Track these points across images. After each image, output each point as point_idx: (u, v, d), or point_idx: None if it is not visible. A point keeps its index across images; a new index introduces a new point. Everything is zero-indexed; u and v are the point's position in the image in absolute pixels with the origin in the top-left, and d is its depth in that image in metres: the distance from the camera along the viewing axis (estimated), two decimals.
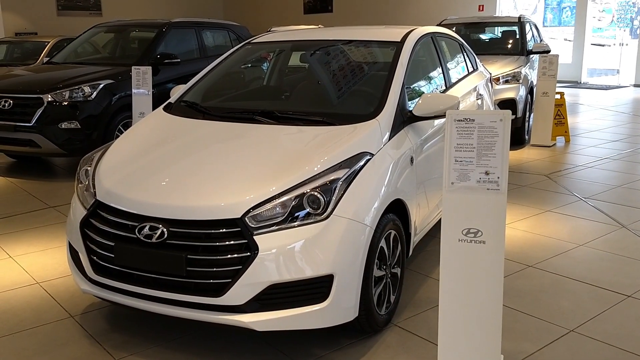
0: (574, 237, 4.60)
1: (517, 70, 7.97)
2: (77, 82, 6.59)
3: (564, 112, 8.39)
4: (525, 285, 3.76)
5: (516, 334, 3.19)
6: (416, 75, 4.07)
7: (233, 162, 3.05)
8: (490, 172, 2.55)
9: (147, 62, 7.11)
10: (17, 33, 19.27)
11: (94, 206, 3.04)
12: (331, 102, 3.83)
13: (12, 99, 6.53)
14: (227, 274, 2.70)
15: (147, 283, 2.84)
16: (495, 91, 7.74)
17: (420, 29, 4.25)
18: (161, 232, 2.76)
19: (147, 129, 3.64)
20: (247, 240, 2.70)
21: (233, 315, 2.74)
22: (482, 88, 5.22)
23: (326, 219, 2.78)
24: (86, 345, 3.12)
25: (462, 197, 2.59)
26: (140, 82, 6.29)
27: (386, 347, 3.07)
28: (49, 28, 19.40)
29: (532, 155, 7.66)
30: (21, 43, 11.35)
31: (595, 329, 3.23)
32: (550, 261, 4.15)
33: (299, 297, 2.77)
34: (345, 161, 2.98)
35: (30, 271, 4.08)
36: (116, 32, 8.24)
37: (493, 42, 9.43)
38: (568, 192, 5.86)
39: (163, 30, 7.67)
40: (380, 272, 3.10)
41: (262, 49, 4.53)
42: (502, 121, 2.52)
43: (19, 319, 3.40)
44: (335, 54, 4.13)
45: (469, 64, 5.21)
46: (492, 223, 2.56)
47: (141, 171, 3.12)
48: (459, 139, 2.58)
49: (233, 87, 4.32)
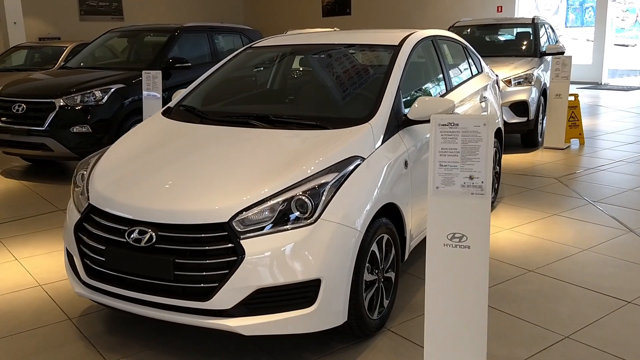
0: (579, 242, 4.53)
1: (530, 72, 7.88)
2: (89, 86, 6.69)
3: (578, 114, 8.28)
4: (523, 291, 3.72)
5: (510, 339, 3.15)
6: (414, 79, 4.06)
7: (223, 165, 3.07)
8: (474, 177, 2.54)
9: (158, 66, 7.18)
10: (40, 38, 19.64)
11: (87, 210, 3.09)
12: (326, 106, 3.83)
13: (26, 103, 6.66)
14: (214, 278, 2.71)
15: (136, 287, 2.87)
16: (507, 93, 7.68)
17: (419, 33, 4.23)
18: (149, 236, 2.79)
19: (143, 133, 3.68)
20: (234, 244, 2.71)
21: (220, 319, 2.75)
22: (487, 91, 5.18)
23: (313, 223, 2.78)
24: (81, 347, 3.16)
25: (446, 202, 2.58)
26: (150, 86, 6.36)
27: (377, 352, 3.06)
28: (71, 33, 19.74)
29: (545, 158, 7.57)
30: (41, 48, 11.54)
31: (591, 335, 3.18)
32: (552, 266, 4.10)
33: (286, 302, 2.78)
34: (335, 165, 2.98)
35: (34, 273, 4.15)
36: (129, 37, 8.34)
37: (506, 44, 9.34)
38: (577, 196, 5.78)
39: (175, 35, 7.75)
40: (371, 276, 3.09)
41: (262, 53, 4.55)
42: (486, 126, 2.51)
43: (19, 321, 3.46)
44: (332, 59, 4.13)
45: (472, 67, 5.17)
46: (477, 228, 2.55)
47: (132, 175, 3.15)
48: (443, 143, 2.57)
49: (232, 92, 4.34)
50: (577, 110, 8.26)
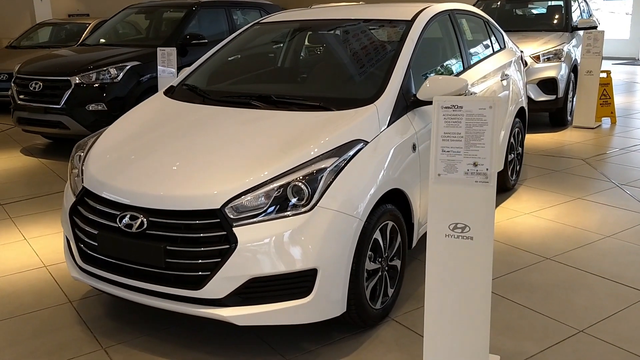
0: (602, 228, 4.32)
1: (559, 47, 7.55)
2: (104, 64, 6.63)
3: (610, 92, 7.93)
4: (538, 280, 3.54)
5: (519, 332, 3.00)
6: (428, 56, 3.86)
7: (218, 149, 2.94)
8: (478, 164, 2.37)
9: (174, 43, 7.08)
10: (69, 15, 19.74)
11: (82, 193, 3.01)
12: (332, 86, 3.66)
13: (42, 81, 6.64)
14: (206, 267, 2.62)
15: (128, 273, 2.79)
16: (535, 70, 7.38)
17: (434, 7, 4.01)
18: (141, 222, 2.70)
19: (142, 114, 3.58)
20: (226, 232, 2.60)
21: (213, 308, 2.66)
22: (510, 68, 4.94)
23: (310, 210, 2.65)
24: (77, 331, 3.11)
25: (449, 190, 2.42)
26: (165, 63, 6.26)
27: (379, 343, 2.94)
28: (100, 9, 19.74)
29: (574, 138, 7.28)
30: (64, 25, 11.54)
31: (607, 329, 3.00)
32: (571, 253, 3.90)
33: (281, 292, 2.67)
34: (335, 149, 2.83)
35: (41, 254, 4.12)
36: (147, 13, 8.25)
37: (536, 18, 8.97)
38: (605, 178, 5.52)
39: (192, 11, 7.61)
40: (374, 265, 2.96)
41: (271, 29, 4.39)
42: (492, 108, 2.33)
43: (20, 303, 3.43)
44: (340, 35, 3.95)
45: (494, 42, 4.92)
46: (481, 218, 2.39)
47: (126, 158, 3.05)
48: (446, 127, 2.41)
49: (236, 70, 4.20)
50: (610, 88, 7.91)
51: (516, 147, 5.18)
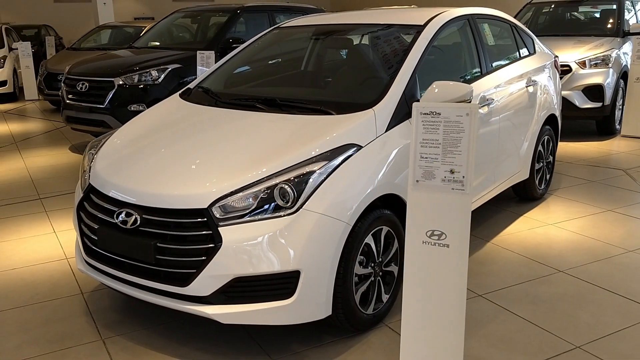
0: (626, 242, 4.14)
1: (607, 53, 7.27)
2: (146, 66, 6.87)
3: None
4: (545, 293, 3.44)
5: (513, 345, 2.92)
6: (441, 61, 3.81)
7: (213, 150, 3.02)
8: (455, 171, 2.34)
9: (216, 46, 7.25)
10: (135, 18, 20.50)
11: (88, 190, 3.15)
12: (336, 90, 3.68)
13: (88, 81, 6.94)
14: (192, 264, 2.69)
15: (124, 268, 2.90)
16: (580, 76, 7.15)
17: (451, 11, 3.96)
18: (135, 219, 2.81)
19: (154, 115, 3.71)
20: (212, 231, 2.67)
21: (199, 305, 2.73)
22: (541, 74, 4.81)
23: (294, 212, 2.68)
24: (82, 322, 3.25)
25: (427, 197, 2.40)
26: (204, 66, 6.44)
27: (367, 349, 2.93)
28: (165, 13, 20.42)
29: (620, 148, 7.00)
30: (123, 28, 11.99)
31: (606, 347, 2.89)
32: (587, 267, 3.77)
33: (265, 292, 2.71)
34: (326, 153, 2.86)
35: (65, 247, 4.33)
36: (193, 17, 8.48)
37: (586, 22, 8.67)
38: None
39: (235, 15, 7.78)
40: (365, 269, 2.96)
41: (290, 33, 4.45)
42: (469, 115, 2.30)
43: (36, 292, 3.62)
44: (352, 40, 3.96)
45: (522, 47, 4.80)
46: (457, 226, 2.36)
47: (129, 157, 3.18)
48: (424, 133, 2.39)
49: (250, 73, 4.28)
50: None
51: (545, 156, 5.04)
